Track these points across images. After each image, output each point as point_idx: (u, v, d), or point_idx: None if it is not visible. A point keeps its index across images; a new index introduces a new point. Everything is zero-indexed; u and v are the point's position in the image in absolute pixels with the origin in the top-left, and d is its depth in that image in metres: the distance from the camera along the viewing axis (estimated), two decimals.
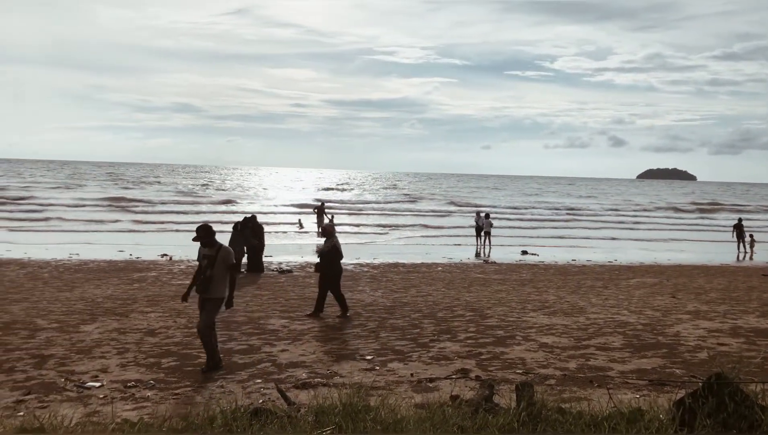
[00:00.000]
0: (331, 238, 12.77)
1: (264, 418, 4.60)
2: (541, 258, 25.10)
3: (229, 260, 8.59)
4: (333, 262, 12.54)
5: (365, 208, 54.14)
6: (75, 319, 11.61)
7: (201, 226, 8.83)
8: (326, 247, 12.69)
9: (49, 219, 36.04)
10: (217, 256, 8.55)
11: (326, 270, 12.49)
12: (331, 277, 12.52)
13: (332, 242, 12.67)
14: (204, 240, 8.64)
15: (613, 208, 67.29)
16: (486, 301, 14.53)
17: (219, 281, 8.55)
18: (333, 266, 12.55)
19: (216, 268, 8.52)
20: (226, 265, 8.56)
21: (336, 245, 12.66)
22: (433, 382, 7.98)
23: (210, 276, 8.52)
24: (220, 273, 8.54)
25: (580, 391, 7.57)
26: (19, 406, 6.97)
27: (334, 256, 12.58)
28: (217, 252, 8.58)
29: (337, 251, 12.64)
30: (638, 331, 11.43)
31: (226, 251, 8.61)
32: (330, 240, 12.73)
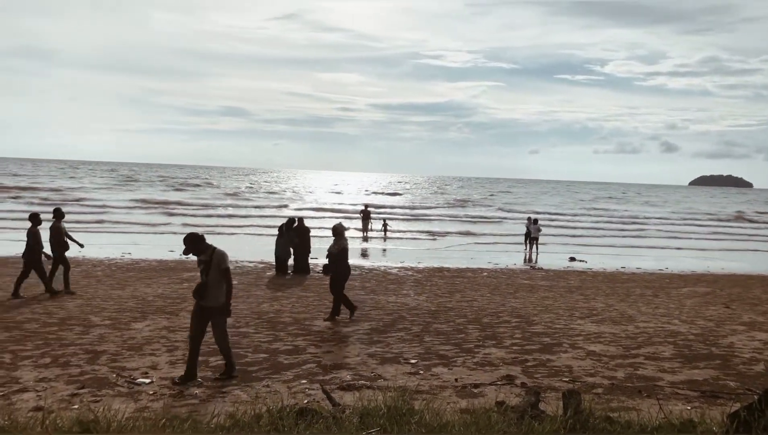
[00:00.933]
0: (340, 239, 12.59)
1: (309, 417, 4.64)
2: (589, 265, 24.69)
3: (222, 264, 8.12)
4: (341, 263, 12.45)
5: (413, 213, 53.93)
6: (127, 317, 11.91)
7: (186, 237, 8.31)
8: (335, 248, 12.53)
9: (103, 221, 37.02)
10: (211, 261, 8.14)
11: (335, 271, 12.43)
12: (338, 278, 12.42)
13: (341, 243, 12.53)
14: (191, 250, 8.21)
15: (665, 215, 65.75)
16: (532, 307, 14.37)
17: (215, 287, 8.12)
18: (341, 267, 12.46)
19: (211, 274, 8.12)
20: (220, 269, 8.11)
21: (344, 246, 12.54)
22: (477, 388, 7.93)
23: (205, 282, 8.13)
24: (216, 278, 8.13)
25: (629, 401, 7.42)
26: (73, 399, 7.19)
27: (342, 257, 12.47)
28: (210, 256, 8.16)
29: (346, 252, 12.52)
30: (690, 341, 11.14)
31: (220, 255, 8.16)
32: (339, 241, 12.56)
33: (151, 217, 40.38)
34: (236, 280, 17.03)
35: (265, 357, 9.35)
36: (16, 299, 13.41)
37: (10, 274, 16.08)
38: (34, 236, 14.04)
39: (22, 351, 9.29)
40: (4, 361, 8.73)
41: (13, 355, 9.08)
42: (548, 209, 66.23)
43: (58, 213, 14.92)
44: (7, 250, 21.27)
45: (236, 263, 20.69)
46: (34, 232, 14.06)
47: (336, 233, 12.67)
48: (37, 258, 14.01)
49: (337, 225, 12.94)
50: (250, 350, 9.74)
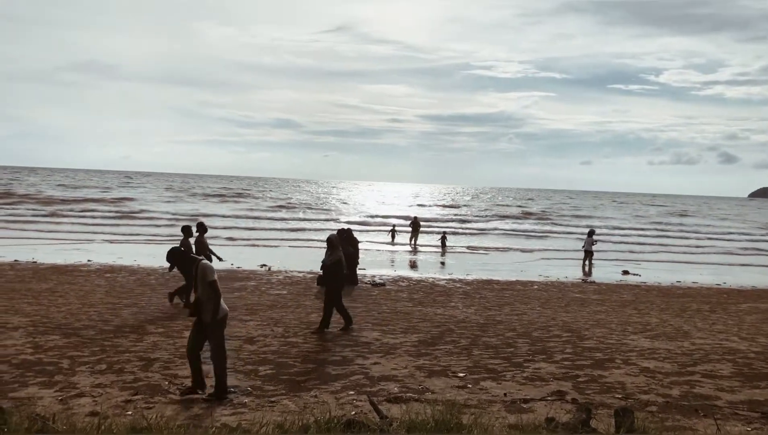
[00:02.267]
0: (336, 250, 12.37)
1: (357, 429, 4.64)
2: (643, 278, 24.11)
3: (207, 277, 7.86)
4: (337, 274, 12.25)
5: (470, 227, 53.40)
6: (179, 325, 12.14)
7: (168, 253, 8.19)
8: (330, 259, 12.33)
9: (158, 235, 37.91)
10: (197, 275, 7.91)
11: (330, 283, 12.23)
12: (334, 290, 12.23)
13: (337, 255, 12.31)
14: (176, 265, 8.11)
15: (723, 228, 63.79)
16: (584, 321, 14.09)
17: (208, 301, 7.88)
18: (336, 279, 12.26)
19: (200, 288, 7.90)
20: (205, 283, 7.85)
21: (340, 258, 12.31)
22: (527, 403, 7.80)
23: (198, 297, 7.93)
24: (205, 292, 7.87)
25: (684, 420, 7.18)
26: (127, 405, 7.35)
27: (337, 268, 12.26)
28: (195, 271, 7.93)
29: (341, 264, 12.29)
30: (750, 359, 10.74)
31: (203, 268, 7.90)
32: (335, 252, 12.34)
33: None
34: (285, 290, 17.25)
35: (313, 367, 9.40)
36: (170, 302, 14.36)
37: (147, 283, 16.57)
38: (186, 248, 14.58)
39: (79, 357, 9.57)
40: (62, 367, 9.00)
41: (71, 360, 9.36)
42: (602, 222, 64.90)
43: (202, 227, 15.58)
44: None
45: (285, 273, 20.91)
46: (186, 243, 14.63)
47: (330, 245, 12.48)
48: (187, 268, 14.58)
49: (332, 236, 12.82)
50: (299, 360, 9.80)
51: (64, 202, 57.06)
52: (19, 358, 9.36)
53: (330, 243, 12.52)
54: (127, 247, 28.73)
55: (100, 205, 57.23)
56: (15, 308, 13.28)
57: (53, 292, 15.56)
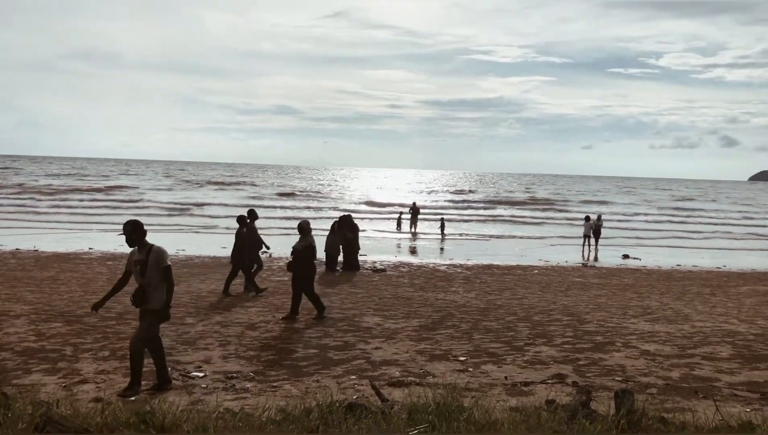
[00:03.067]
0: (306, 236, 12.26)
1: (359, 413, 4.68)
2: (643, 262, 24.17)
3: (162, 262, 7.37)
4: (307, 261, 12.12)
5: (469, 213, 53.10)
6: (181, 312, 12.19)
7: (129, 222, 7.52)
8: (300, 245, 12.19)
9: (160, 224, 37.94)
10: (148, 260, 7.35)
11: (299, 269, 12.08)
12: (304, 276, 12.10)
13: (307, 240, 12.20)
14: (132, 237, 7.37)
15: (723, 211, 63.79)
16: (584, 305, 14.14)
17: (156, 289, 7.39)
18: (306, 265, 12.12)
19: (149, 274, 7.34)
20: (160, 268, 7.36)
21: (311, 244, 12.20)
22: (527, 386, 7.85)
23: (144, 284, 7.35)
24: (155, 278, 7.36)
25: (684, 402, 7.24)
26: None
27: (308, 255, 12.13)
28: (147, 254, 7.37)
29: (312, 250, 12.18)
30: (749, 341, 10.80)
31: (158, 252, 7.38)
32: (305, 238, 12.22)
33: (201, 220, 41.24)
34: (287, 277, 17.27)
35: (315, 352, 9.46)
36: (227, 297, 14.09)
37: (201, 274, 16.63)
38: (240, 237, 14.69)
39: (82, 344, 9.62)
40: (65, 354, 9.05)
41: (74, 347, 9.41)
42: (608, 208, 64.61)
43: (253, 215, 15.60)
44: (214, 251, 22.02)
45: (287, 259, 20.94)
46: (241, 233, 14.71)
47: (302, 230, 12.37)
48: (243, 258, 14.71)
49: (303, 222, 12.71)
50: (301, 346, 9.86)
51: (63, 191, 57.06)
52: (22, 346, 9.41)
53: (301, 229, 12.39)
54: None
55: (100, 193, 57.24)
56: (17, 296, 13.33)
57: (55, 280, 15.61)
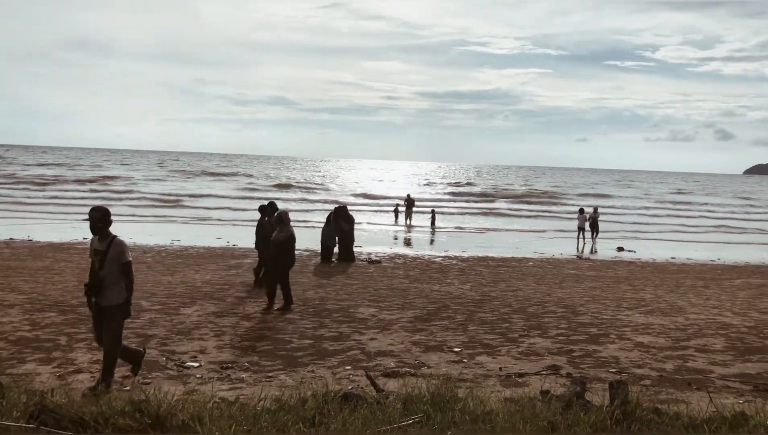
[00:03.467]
0: (285, 226, 12.13)
1: (354, 402, 4.69)
2: (638, 255, 24.22)
3: (123, 257, 6.95)
4: (286, 251, 11.99)
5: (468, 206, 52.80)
6: (176, 302, 12.18)
7: (97, 208, 7.10)
8: (281, 235, 12.05)
9: (153, 215, 37.85)
10: (108, 251, 6.93)
11: (278, 259, 11.95)
12: (281, 266, 11.98)
13: (287, 231, 12.07)
14: (99, 224, 6.94)
15: (717, 205, 63.93)
16: (579, 297, 14.18)
17: (113, 284, 6.97)
18: (285, 256, 11.99)
19: (107, 267, 6.92)
20: (120, 263, 6.94)
21: (291, 234, 12.07)
22: (522, 377, 7.88)
23: (101, 277, 6.93)
24: (113, 272, 6.95)
25: (678, 393, 7.28)
26: (125, 381, 7.41)
27: (287, 245, 12.00)
28: (108, 246, 6.94)
29: (292, 240, 12.05)
30: (742, 333, 10.85)
31: (119, 245, 6.96)
32: (285, 228, 12.11)
33: (195, 211, 41.16)
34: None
35: (310, 343, 9.47)
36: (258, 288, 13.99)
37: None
38: (262, 227, 14.61)
39: (76, 334, 9.60)
40: (60, 343, 9.04)
41: (69, 337, 9.40)
42: (612, 201, 64.36)
43: (274, 207, 15.41)
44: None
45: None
46: (263, 223, 14.62)
47: (281, 221, 12.24)
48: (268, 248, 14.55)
49: (282, 212, 12.54)
50: (296, 336, 9.87)
51: (57, 181, 56.85)
52: (17, 335, 9.39)
53: (280, 219, 12.27)
54: (122, 226, 28.65)
55: (94, 184, 57.04)
56: (11, 286, 13.29)
57: (49, 270, 15.57)
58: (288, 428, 4.03)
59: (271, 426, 4.03)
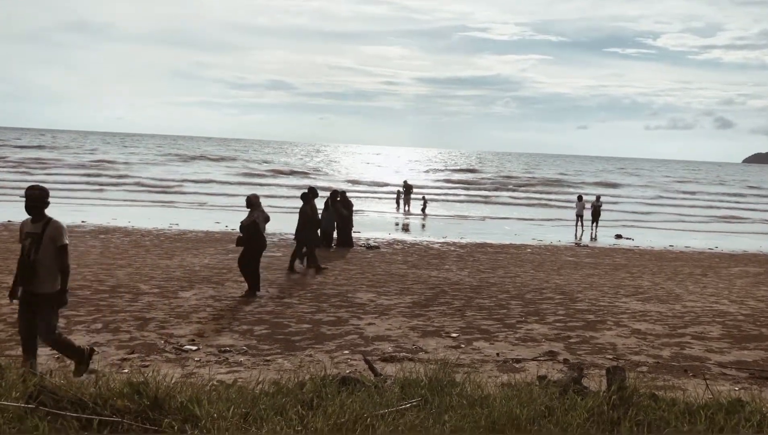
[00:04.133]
0: (255, 210, 11.91)
1: (352, 386, 4.70)
2: (636, 243, 24.27)
3: (60, 239, 6.40)
4: (255, 236, 11.80)
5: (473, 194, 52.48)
6: (174, 286, 12.19)
7: (36, 186, 6.66)
8: (248, 220, 11.86)
9: (152, 200, 37.80)
10: (43, 235, 6.37)
11: (247, 244, 11.79)
12: (251, 251, 11.80)
13: (255, 215, 11.84)
14: (36, 203, 6.41)
15: (713, 193, 63.92)
16: (576, 284, 14.21)
17: (48, 270, 6.43)
18: (254, 241, 11.80)
19: (43, 251, 6.38)
20: (56, 247, 6.40)
21: (256, 219, 11.81)
22: (519, 363, 7.91)
23: (34, 261, 6.37)
24: (49, 257, 6.41)
25: (674, 380, 7.31)
26: (124, 363, 7.44)
27: (255, 229, 11.80)
28: (43, 228, 6.38)
29: (257, 225, 11.81)
30: (739, 321, 10.89)
31: (57, 227, 6.41)
32: (253, 212, 11.89)
33: (194, 197, 41.13)
34: (280, 252, 17.29)
35: (308, 327, 9.49)
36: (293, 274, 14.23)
37: None
38: (304, 214, 14.78)
39: (75, 316, 9.61)
40: (58, 326, 9.02)
41: (67, 320, 9.40)
42: (599, 189, 64.29)
43: (314, 193, 15.58)
44: None
45: (279, 236, 20.94)
46: (305, 210, 14.82)
47: (250, 204, 12.00)
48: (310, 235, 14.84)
49: (251, 195, 12.30)
50: (294, 320, 9.89)
51: (55, 165, 56.71)
52: (15, 317, 9.38)
53: (249, 203, 12.04)
54: (121, 209, 28.65)
55: (92, 168, 56.89)
56: (10, 268, 13.26)
57: None
58: (286, 411, 4.04)
59: (269, 408, 4.04)
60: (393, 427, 3.83)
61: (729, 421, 3.95)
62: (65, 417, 3.54)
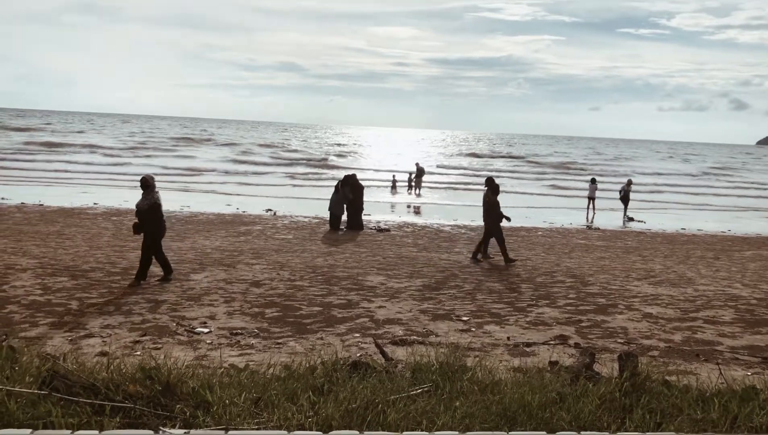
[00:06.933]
0: (150, 192, 11.06)
1: (363, 371, 4.70)
2: (648, 225, 24.11)
3: None
4: (152, 220, 11.08)
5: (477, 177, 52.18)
6: (186, 268, 12.24)
7: None
8: (144, 203, 11.05)
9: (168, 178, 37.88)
10: None
11: (145, 229, 11.09)
12: (149, 236, 11.12)
13: (152, 198, 11.05)
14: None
15: (726, 176, 63.30)
16: (588, 267, 14.15)
17: None
18: (152, 224, 11.09)
19: None
20: None
21: (156, 201, 11.08)
22: (530, 347, 7.90)
23: None
24: None
25: (686, 365, 7.28)
26: (136, 346, 7.48)
27: (152, 213, 11.06)
28: None
29: (158, 208, 11.10)
30: (752, 305, 10.82)
31: None
32: (149, 194, 11.05)
33: (204, 178, 41.19)
34: (291, 235, 17.30)
35: (319, 310, 9.51)
36: (483, 261, 14.25)
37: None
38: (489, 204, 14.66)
39: (88, 298, 9.69)
40: (71, 308, 9.12)
41: (80, 302, 9.48)
42: (611, 169, 64.06)
43: (491, 183, 15.30)
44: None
45: (291, 218, 20.97)
46: (489, 197, 14.75)
47: (145, 186, 11.09)
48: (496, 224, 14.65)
49: (147, 176, 11.37)
50: (305, 303, 9.91)
51: (67, 146, 56.93)
52: (29, 299, 9.48)
53: (145, 184, 11.15)
54: (133, 192, 28.72)
55: (103, 149, 57.07)
56: (23, 250, 13.38)
57: (60, 235, 15.65)
58: (297, 396, 4.05)
59: (280, 394, 4.05)
60: (404, 413, 3.83)
61: (743, 409, 3.92)
62: (78, 403, 3.56)
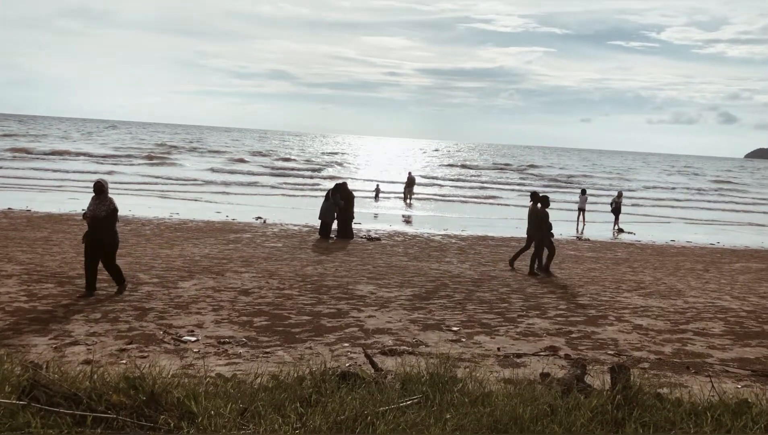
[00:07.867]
0: (106, 197, 10.37)
1: (352, 381, 4.63)
2: (638, 237, 24.17)
3: None
4: (110, 228, 10.44)
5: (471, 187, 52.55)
6: (174, 276, 12.13)
7: None
8: (102, 210, 10.33)
9: (158, 185, 37.67)
10: None
11: (104, 238, 10.39)
12: (98, 245, 10.37)
13: (108, 205, 10.38)
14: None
15: (714, 188, 63.72)
16: (578, 278, 14.14)
17: None
18: (110, 234, 10.47)
19: None
20: None
21: (115, 207, 10.42)
22: (520, 358, 7.84)
23: None
24: None
25: (676, 377, 7.24)
26: (122, 354, 7.37)
27: (109, 222, 10.38)
28: None
29: (113, 215, 10.40)
30: (741, 318, 10.82)
31: None
32: (105, 200, 10.36)
33: (194, 186, 41.02)
34: (281, 243, 17.20)
35: (308, 319, 9.42)
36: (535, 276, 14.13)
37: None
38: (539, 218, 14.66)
39: (74, 305, 9.56)
40: (57, 315, 8.99)
41: (66, 309, 9.35)
42: (601, 181, 64.48)
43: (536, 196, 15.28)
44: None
45: (280, 226, 20.87)
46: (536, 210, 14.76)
47: (99, 190, 10.35)
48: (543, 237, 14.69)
49: (100, 180, 10.64)
50: (294, 312, 9.82)
51: (56, 153, 56.61)
52: (13, 306, 9.34)
53: (99, 189, 10.39)
54: (120, 199, 28.53)
55: (95, 156, 56.77)
56: (9, 256, 13.22)
57: (48, 241, 15.48)
58: (285, 407, 3.98)
59: (267, 405, 3.97)
60: (394, 425, 3.76)
61: (736, 423, 3.88)
62: (58, 413, 3.47)
